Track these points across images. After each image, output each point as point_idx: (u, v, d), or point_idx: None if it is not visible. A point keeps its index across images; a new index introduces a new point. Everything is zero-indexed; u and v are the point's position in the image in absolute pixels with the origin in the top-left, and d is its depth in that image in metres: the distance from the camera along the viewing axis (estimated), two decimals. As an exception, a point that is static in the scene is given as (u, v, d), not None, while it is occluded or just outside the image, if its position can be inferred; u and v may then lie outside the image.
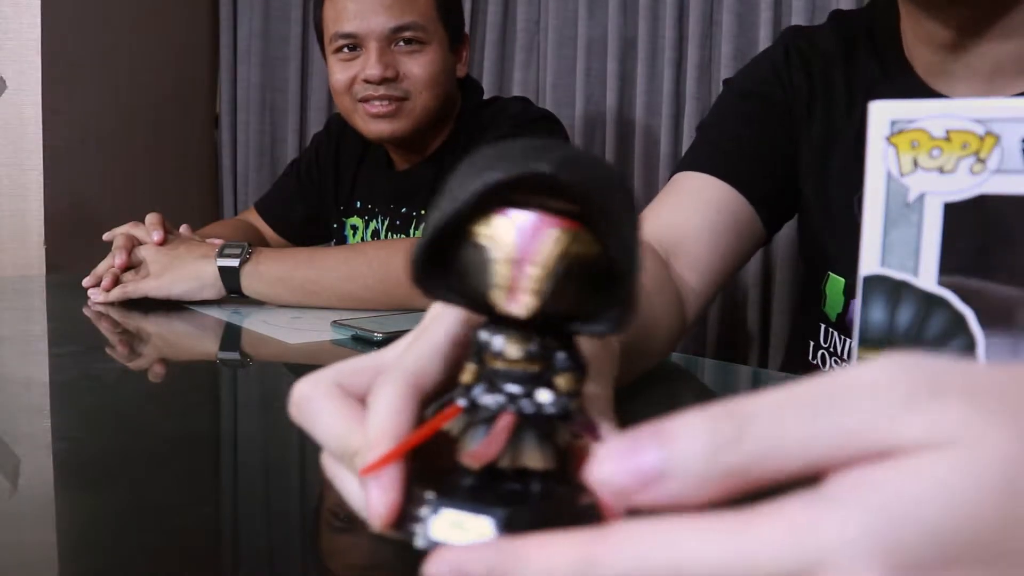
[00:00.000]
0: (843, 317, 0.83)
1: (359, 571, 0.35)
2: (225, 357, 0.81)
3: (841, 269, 0.82)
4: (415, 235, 1.26)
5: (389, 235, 1.31)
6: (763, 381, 0.81)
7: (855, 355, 0.34)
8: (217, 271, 0.99)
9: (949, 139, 0.32)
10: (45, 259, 1.60)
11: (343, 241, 1.39)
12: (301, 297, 0.98)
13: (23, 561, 0.33)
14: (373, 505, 0.26)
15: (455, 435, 0.28)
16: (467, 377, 0.28)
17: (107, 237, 1.08)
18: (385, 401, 0.28)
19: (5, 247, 1.59)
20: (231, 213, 2.08)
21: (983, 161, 0.31)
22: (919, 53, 0.76)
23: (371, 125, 1.22)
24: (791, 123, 0.83)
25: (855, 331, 0.34)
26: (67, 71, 1.64)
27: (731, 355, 1.57)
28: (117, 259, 1.01)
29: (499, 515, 0.25)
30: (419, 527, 0.26)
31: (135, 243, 1.04)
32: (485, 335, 0.28)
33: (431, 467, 0.28)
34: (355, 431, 0.28)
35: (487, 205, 0.26)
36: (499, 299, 0.26)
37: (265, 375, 0.74)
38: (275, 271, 0.99)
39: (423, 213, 1.26)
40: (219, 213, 2.12)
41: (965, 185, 0.32)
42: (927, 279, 0.32)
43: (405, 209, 1.29)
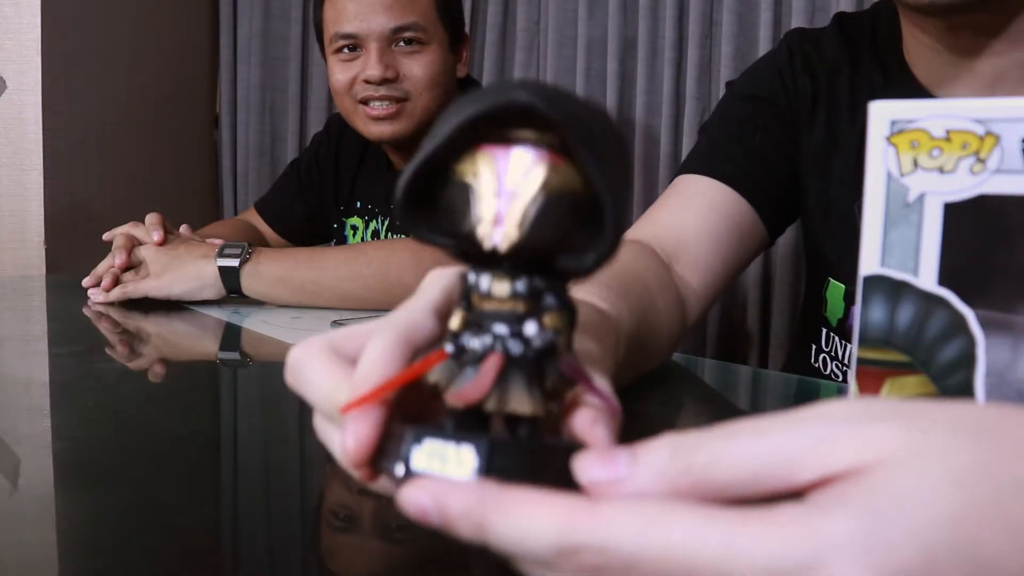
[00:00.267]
0: (843, 323, 0.83)
1: (359, 571, 0.35)
2: (225, 357, 0.81)
3: (841, 275, 0.82)
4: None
5: (389, 235, 1.31)
6: (763, 381, 0.81)
7: (855, 355, 0.34)
8: (217, 271, 0.99)
9: (949, 139, 0.32)
10: (45, 259, 1.60)
11: (343, 241, 1.39)
12: (301, 297, 0.98)
13: (23, 561, 0.33)
14: (347, 441, 0.26)
15: (444, 386, 0.27)
16: (455, 323, 0.28)
17: (107, 237, 1.08)
18: (374, 351, 0.28)
19: (5, 247, 1.59)
20: (231, 213, 2.08)
21: (983, 161, 0.31)
22: (920, 60, 0.75)
23: (371, 127, 1.22)
24: (794, 127, 0.83)
25: (855, 331, 0.34)
26: (67, 71, 1.64)
27: (731, 355, 1.57)
28: (117, 259, 1.01)
29: (482, 445, 0.24)
30: (400, 459, 0.25)
31: (135, 243, 1.04)
32: (472, 276, 0.28)
33: (417, 414, 0.28)
34: (343, 388, 0.28)
35: (469, 143, 0.26)
36: (483, 234, 0.26)
37: (265, 375, 0.74)
38: (275, 271, 0.99)
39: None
40: (219, 213, 2.12)
41: (965, 185, 0.32)
42: (927, 279, 0.32)
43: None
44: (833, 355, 0.85)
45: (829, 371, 0.86)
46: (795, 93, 0.83)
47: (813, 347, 0.88)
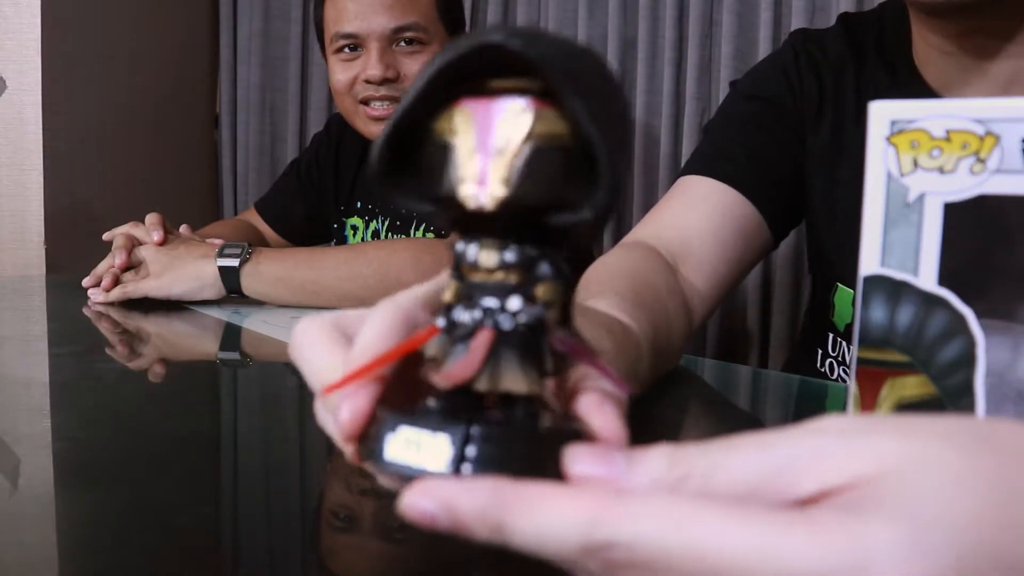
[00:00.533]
0: (851, 328, 0.82)
1: (359, 571, 0.35)
2: (225, 357, 0.81)
3: (850, 280, 0.81)
4: (416, 235, 1.26)
5: (389, 235, 1.31)
6: (763, 381, 0.81)
7: (855, 355, 0.34)
8: (217, 271, 0.99)
9: (949, 139, 0.32)
10: (45, 259, 1.59)
11: (343, 241, 1.39)
12: (301, 297, 0.98)
13: (23, 561, 0.33)
14: (342, 414, 0.25)
15: (441, 361, 0.25)
16: (448, 296, 0.26)
17: (107, 237, 1.08)
18: (371, 328, 0.28)
19: (5, 247, 1.59)
20: (231, 213, 2.08)
21: (983, 161, 0.31)
22: (931, 63, 0.74)
23: (372, 127, 1.22)
24: (800, 128, 0.81)
25: (855, 331, 0.34)
26: (67, 71, 1.64)
27: (731, 356, 1.57)
28: (117, 259, 1.01)
29: (457, 433, 0.23)
30: (375, 447, 0.24)
31: (135, 243, 1.04)
32: (460, 245, 0.26)
33: (409, 393, 0.26)
34: (338, 366, 0.27)
35: (447, 99, 0.24)
36: (467, 194, 0.24)
37: (265, 375, 0.74)
38: (275, 271, 0.99)
39: (423, 213, 1.25)
40: (219, 213, 2.12)
41: (965, 185, 0.32)
42: (927, 279, 0.32)
43: (405, 210, 1.29)
44: (840, 360, 0.84)
45: (836, 376, 0.85)
46: (801, 94, 0.81)
47: (819, 351, 0.87)
